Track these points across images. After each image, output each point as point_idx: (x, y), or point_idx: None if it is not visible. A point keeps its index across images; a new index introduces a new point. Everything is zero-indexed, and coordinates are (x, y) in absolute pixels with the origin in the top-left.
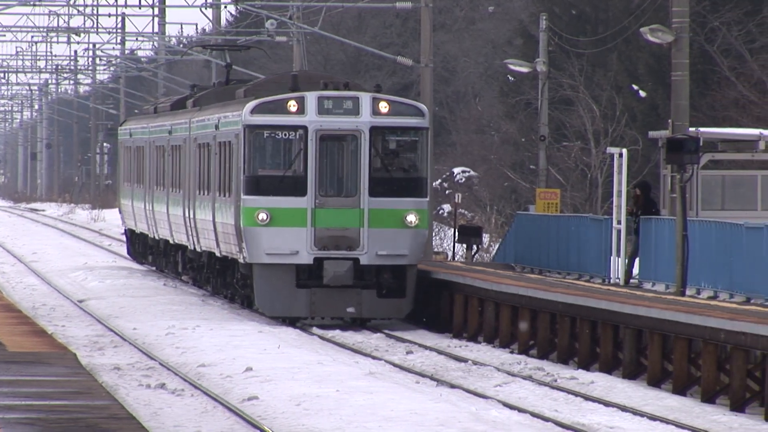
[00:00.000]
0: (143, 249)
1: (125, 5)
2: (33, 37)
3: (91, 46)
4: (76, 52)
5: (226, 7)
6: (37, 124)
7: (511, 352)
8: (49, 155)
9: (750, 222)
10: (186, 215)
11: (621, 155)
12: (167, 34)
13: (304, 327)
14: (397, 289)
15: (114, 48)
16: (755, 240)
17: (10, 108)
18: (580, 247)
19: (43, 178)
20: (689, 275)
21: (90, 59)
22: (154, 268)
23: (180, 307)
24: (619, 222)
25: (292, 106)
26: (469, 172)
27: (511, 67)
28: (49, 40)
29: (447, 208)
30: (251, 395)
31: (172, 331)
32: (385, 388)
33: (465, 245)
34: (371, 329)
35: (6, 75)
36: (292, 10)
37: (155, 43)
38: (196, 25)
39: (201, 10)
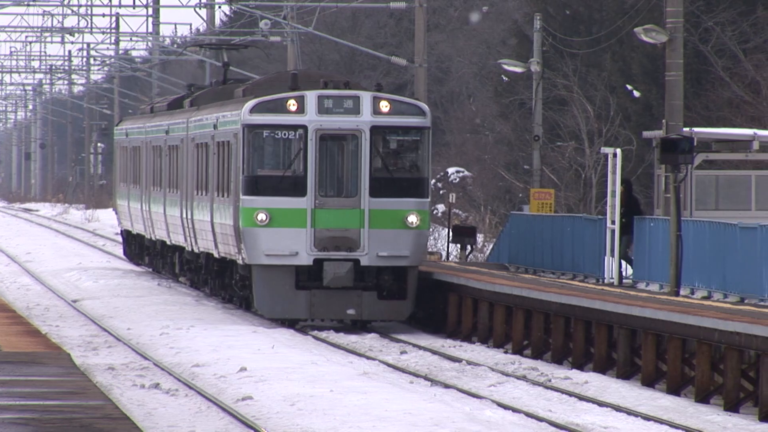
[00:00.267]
0: (140, 250)
1: (119, 5)
2: (27, 37)
3: (85, 46)
4: (70, 52)
5: (220, 7)
6: (31, 124)
7: (506, 352)
8: (43, 155)
9: (744, 222)
10: (183, 216)
11: (615, 155)
12: (161, 34)
13: (303, 329)
14: (397, 290)
15: (108, 48)
16: (749, 240)
17: (4, 108)
18: (574, 247)
19: (37, 178)
20: (683, 275)
21: (84, 59)
22: (150, 269)
23: (174, 307)
24: (612, 222)
25: (292, 105)
26: (463, 172)
27: (505, 67)
28: (43, 40)
29: (441, 208)
30: (245, 395)
31: (166, 332)
32: (379, 388)
33: (459, 245)
34: (365, 329)
35: (0, 75)
36: (286, 10)
37: (149, 43)
38: (190, 25)
39: (195, 10)
